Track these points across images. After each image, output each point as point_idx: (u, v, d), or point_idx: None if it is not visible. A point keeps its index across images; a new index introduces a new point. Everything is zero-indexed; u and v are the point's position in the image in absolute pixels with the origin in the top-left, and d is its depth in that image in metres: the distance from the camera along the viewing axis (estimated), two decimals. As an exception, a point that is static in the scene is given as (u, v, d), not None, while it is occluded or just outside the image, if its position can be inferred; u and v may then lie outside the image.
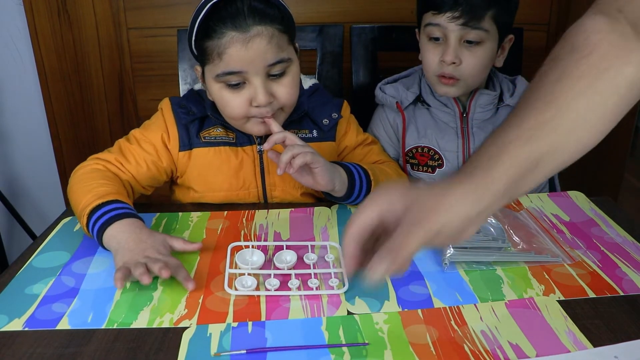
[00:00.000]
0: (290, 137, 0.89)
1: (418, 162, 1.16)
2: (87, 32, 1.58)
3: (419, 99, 1.18)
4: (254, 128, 0.96)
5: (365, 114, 1.22)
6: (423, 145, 1.16)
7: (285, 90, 0.93)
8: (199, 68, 0.97)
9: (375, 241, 0.62)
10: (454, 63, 1.06)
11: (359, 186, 0.95)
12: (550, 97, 0.59)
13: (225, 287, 0.75)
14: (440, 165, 1.15)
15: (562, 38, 0.63)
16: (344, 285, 0.75)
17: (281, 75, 0.92)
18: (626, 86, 0.59)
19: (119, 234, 0.79)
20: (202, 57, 0.93)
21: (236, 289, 0.74)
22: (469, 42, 1.05)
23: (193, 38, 0.93)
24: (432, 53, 1.08)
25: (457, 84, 1.09)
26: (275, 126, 0.91)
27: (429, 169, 1.16)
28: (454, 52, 1.05)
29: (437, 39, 1.07)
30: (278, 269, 0.79)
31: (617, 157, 1.81)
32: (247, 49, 0.87)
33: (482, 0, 1.03)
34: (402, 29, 1.38)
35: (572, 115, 0.58)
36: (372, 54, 1.39)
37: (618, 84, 0.59)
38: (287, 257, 0.81)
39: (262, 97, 0.90)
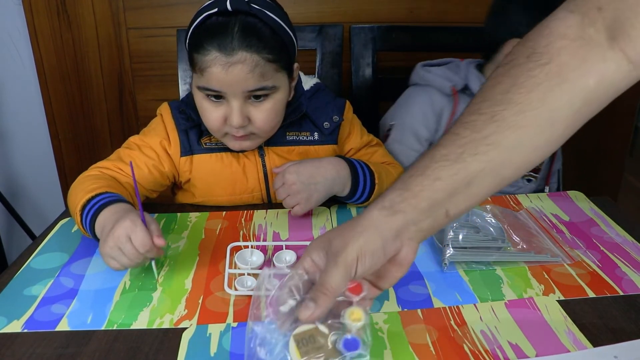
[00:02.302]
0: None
1: None
2: (87, 32, 1.58)
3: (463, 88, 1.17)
4: (229, 143, 0.96)
5: (365, 114, 1.22)
6: None
7: (262, 116, 0.92)
8: None
9: None
10: None
11: (362, 185, 0.95)
12: (496, 108, 0.56)
13: (225, 287, 0.75)
14: None
15: (526, 37, 0.59)
16: (343, 286, 0.75)
17: (262, 100, 0.91)
18: (582, 100, 0.55)
19: (104, 220, 0.77)
20: (190, 65, 0.92)
21: (236, 289, 0.74)
22: None
23: (186, 45, 0.93)
24: None
25: None
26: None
27: None
28: None
29: None
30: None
31: (617, 156, 1.81)
32: (227, 73, 0.86)
33: None
34: (402, 29, 1.38)
35: (514, 134, 0.55)
36: (371, 54, 1.39)
37: (573, 99, 0.55)
38: (287, 257, 0.81)
39: (236, 119, 0.90)
